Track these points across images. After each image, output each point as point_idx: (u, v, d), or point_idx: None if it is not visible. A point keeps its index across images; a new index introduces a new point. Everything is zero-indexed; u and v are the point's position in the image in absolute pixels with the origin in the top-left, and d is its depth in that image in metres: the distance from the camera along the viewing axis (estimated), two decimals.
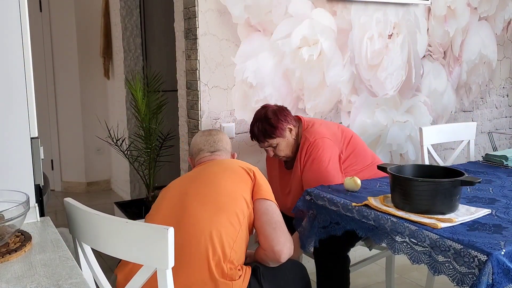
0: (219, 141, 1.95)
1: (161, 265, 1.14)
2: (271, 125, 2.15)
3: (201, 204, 1.63)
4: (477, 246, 1.37)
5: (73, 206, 1.33)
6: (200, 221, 1.60)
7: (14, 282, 1.06)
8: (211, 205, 1.63)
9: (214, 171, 1.77)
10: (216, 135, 1.96)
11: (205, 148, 1.93)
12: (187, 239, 1.57)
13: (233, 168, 1.76)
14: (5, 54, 1.38)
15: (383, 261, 2.57)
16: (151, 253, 1.15)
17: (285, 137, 2.17)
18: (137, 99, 3.11)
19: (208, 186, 1.70)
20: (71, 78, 4.59)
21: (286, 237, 1.66)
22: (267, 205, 1.70)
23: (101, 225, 1.25)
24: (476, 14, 3.44)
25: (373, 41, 2.98)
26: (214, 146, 1.93)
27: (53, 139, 4.67)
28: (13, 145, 1.42)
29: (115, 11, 4.16)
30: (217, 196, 1.67)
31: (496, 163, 2.44)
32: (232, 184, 1.70)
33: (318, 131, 2.19)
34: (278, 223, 1.67)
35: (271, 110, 2.19)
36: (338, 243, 2.04)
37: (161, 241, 1.13)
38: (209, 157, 1.91)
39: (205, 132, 1.99)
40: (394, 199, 1.73)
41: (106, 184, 4.87)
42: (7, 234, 1.21)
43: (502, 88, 3.73)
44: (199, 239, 1.57)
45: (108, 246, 1.25)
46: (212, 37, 2.47)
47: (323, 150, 2.14)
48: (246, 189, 1.70)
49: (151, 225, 1.17)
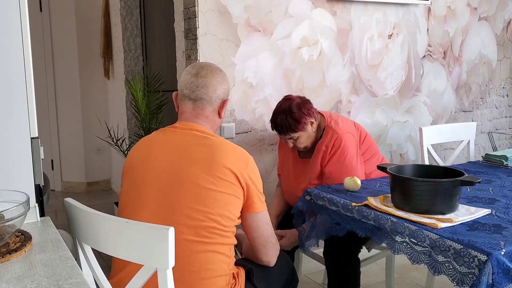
0: (203, 87, 1.57)
1: (161, 265, 1.14)
2: (295, 119, 2.12)
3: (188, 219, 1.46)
4: (477, 246, 1.37)
5: (73, 206, 1.33)
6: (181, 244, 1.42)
7: (14, 282, 1.06)
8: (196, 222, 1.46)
9: (195, 174, 1.47)
10: (204, 77, 1.58)
11: (186, 93, 1.59)
12: None
13: (224, 180, 1.47)
14: (5, 54, 1.38)
15: (383, 261, 2.57)
16: (151, 253, 1.15)
17: (307, 130, 2.16)
18: (137, 99, 3.11)
19: (193, 195, 1.46)
20: (71, 78, 4.59)
21: (275, 248, 1.67)
22: (258, 221, 1.58)
23: (101, 225, 1.25)
24: (476, 14, 3.44)
25: (373, 41, 2.98)
26: (196, 93, 1.57)
27: (53, 139, 4.67)
28: (13, 145, 1.42)
29: (115, 11, 4.16)
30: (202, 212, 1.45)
31: (496, 163, 2.44)
32: (219, 207, 1.47)
33: (343, 126, 2.22)
34: (267, 239, 1.62)
35: (295, 104, 2.15)
36: (349, 245, 2.04)
37: (161, 241, 1.12)
38: (191, 112, 1.59)
39: (194, 70, 1.60)
40: (394, 199, 1.73)
41: (106, 184, 4.87)
42: (7, 234, 1.21)
43: (502, 88, 3.73)
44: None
45: (108, 246, 1.25)
46: (212, 37, 2.47)
47: (351, 144, 2.17)
48: (234, 208, 1.50)
49: (151, 225, 1.16)
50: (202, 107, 1.59)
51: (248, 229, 1.60)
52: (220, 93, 1.61)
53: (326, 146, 2.17)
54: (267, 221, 1.62)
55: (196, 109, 1.60)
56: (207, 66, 1.63)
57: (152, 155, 1.57)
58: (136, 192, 1.54)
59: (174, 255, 1.13)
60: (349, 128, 2.24)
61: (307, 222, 2.02)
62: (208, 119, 1.62)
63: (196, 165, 1.48)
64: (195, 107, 1.60)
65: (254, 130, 2.62)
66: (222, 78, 1.63)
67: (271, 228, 1.65)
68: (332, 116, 2.28)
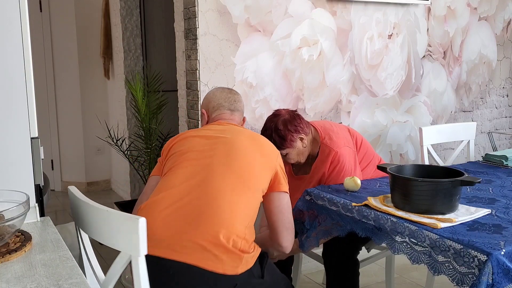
0: (238, 101, 1.94)
1: (134, 253, 1.19)
2: (281, 136, 2.08)
3: (226, 178, 1.61)
4: (477, 246, 1.37)
5: (72, 194, 1.41)
6: (222, 194, 1.58)
7: (14, 282, 1.06)
8: (238, 180, 1.61)
9: (245, 146, 1.70)
10: (236, 95, 1.96)
11: (226, 105, 1.91)
12: (207, 202, 1.56)
13: (264, 150, 1.73)
14: (5, 54, 1.38)
15: (383, 261, 2.57)
16: (126, 240, 1.21)
17: (295, 147, 2.12)
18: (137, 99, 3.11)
19: (239, 160, 1.65)
20: (71, 78, 4.59)
21: (292, 235, 1.77)
22: (283, 202, 1.72)
23: (90, 212, 1.32)
24: (476, 14, 3.44)
25: (373, 41, 2.98)
26: (234, 105, 1.92)
27: (53, 139, 4.67)
28: (13, 145, 1.42)
29: (115, 12, 4.16)
30: (245, 173, 1.64)
31: (496, 163, 2.44)
32: (260, 168, 1.67)
33: (339, 140, 2.17)
34: (290, 224, 1.75)
35: (282, 120, 2.10)
36: (348, 246, 2.04)
37: (133, 229, 1.17)
38: (229, 116, 1.89)
39: (225, 89, 1.98)
40: (394, 199, 1.73)
41: (106, 184, 4.87)
42: (7, 234, 1.21)
43: (502, 88, 3.73)
44: (219, 208, 1.55)
45: (95, 232, 1.32)
46: (212, 37, 2.47)
47: (349, 158, 2.14)
48: (267, 178, 1.69)
49: (125, 214, 1.23)
50: (237, 115, 1.93)
51: (273, 211, 1.72)
52: (243, 109, 2.00)
53: (324, 166, 2.13)
54: (290, 206, 1.76)
55: (232, 116, 1.91)
56: (231, 88, 2.12)
57: (200, 133, 1.78)
58: (179, 155, 1.71)
59: (146, 244, 1.18)
60: (345, 141, 2.19)
61: (307, 223, 2.02)
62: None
63: (245, 136, 1.75)
64: (232, 115, 1.91)
65: (254, 130, 2.62)
66: None
67: (291, 214, 1.76)
68: (326, 129, 2.21)
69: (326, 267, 2.10)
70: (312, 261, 2.56)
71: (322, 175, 2.14)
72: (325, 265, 2.10)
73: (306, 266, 2.75)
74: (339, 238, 1.94)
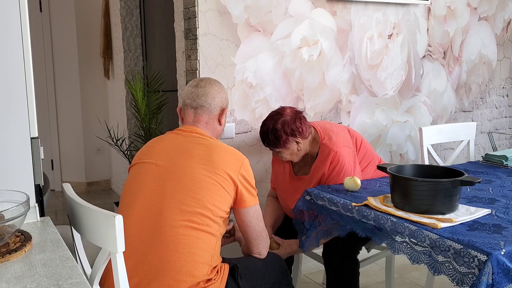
0: (203, 95, 1.72)
1: (113, 249, 1.22)
2: (276, 137, 2.08)
3: (179, 222, 1.54)
4: (477, 246, 1.37)
5: (65, 192, 1.44)
6: (179, 240, 1.53)
7: (14, 282, 1.06)
8: (193, 221, 1.55)
9: (196, 177, 1.57)
10: (203, 87, 1.73)
11: (188, 103, 1.74)
12: (164, 257, 1.52)
13: (218, 172, 1.59)
14: (5, 54, 1.38)
15: (383, 261, 2.57)
16: (105, 237, 1.24)
17: (289, 149, 2.12)
18: (137, 99, 3.11)
19: (190, 197, 1.56)
20: (71, 78, 4.59)
21: (265, 242, 1.77)
22: (249, 216, 1.68)
23: (77, 209, 1.36)
24: (476, 14, 3.44)
25: (373, 41, 2.98)
26: (197, 101, 1.72)
27: (53, 139, 4.67)
28: (13, 145, 1.42)
29: (115, 11, 4.16)
30: (200, 211, 1.56)
31: (496, 163, 2.44)
32: (216, 196, 1.58)
33: (338, 140, 2.16)
34: (259, 233, 1.74)
35: (282, 121, 2.09)
36: (348, 246, 2.04)
37: (111, 227, 1.20)
38: (193, 117, 1.73)
39: (194, 82, 1.78)
40: (394, 199, 1.73)
41: (106, 184, 4.87)
42: (7, 234, 1.21)
43: (502, 88, 3.73)
44: (178, 260, 1.52)
45: (81, 228, 1.36)
46: (212, 37, 2.47)
47: (348, 158, 2.14)
48: (227, 201, 1.61)
49: (103, 211, 1.25)
50: (203, 113, 1.74)
51: (241, 224, 1.71)
52: (219, 101, 1.77)
53: (324, 166, 2.13)
54: (259, 216, 1.72)
55: (197, 116, 1.74)
56: (205, 78, 1.82)
57: (155, 150, 1.72)
58: (136, 180, 1.67)
59: (123, 241, 1.21)
60: (344, 141, 2.19)
61: (307, 223, 2.02)
62: (208, 125, 1.76)
63: (193, 160, 1.62)
64: (196, 114, 1.74)
65: (254, 130, 2.62)
66: (220, 88, 1.80)
67: (262, 223, 1.75)
68: (326, 129, 2.21)
69: (326, 267, 2.10)
70: (312, 261, 2.56)
71: (322, 175, 2.14)
72: (325, 265, 2.10)
73: (306, 266, 2.75)
74: (339, 238, 1.94)
